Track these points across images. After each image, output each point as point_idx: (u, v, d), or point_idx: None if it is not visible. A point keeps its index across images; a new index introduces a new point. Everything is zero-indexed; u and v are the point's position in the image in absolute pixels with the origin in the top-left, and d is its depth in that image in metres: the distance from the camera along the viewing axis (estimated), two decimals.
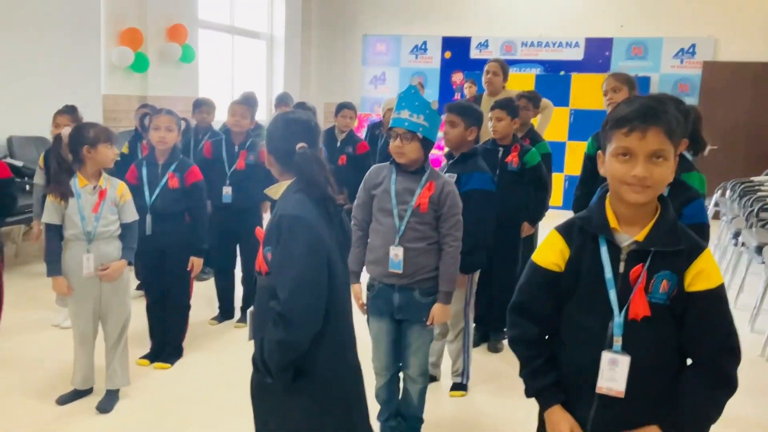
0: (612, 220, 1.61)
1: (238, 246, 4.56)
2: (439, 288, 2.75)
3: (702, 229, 2.31)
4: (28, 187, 5.20)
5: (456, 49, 10.73)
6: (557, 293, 1.68)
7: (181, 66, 7.91)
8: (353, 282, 2.86)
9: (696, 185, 2.85)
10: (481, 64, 5.63)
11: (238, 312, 4.61)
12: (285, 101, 6.31)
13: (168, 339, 3.85)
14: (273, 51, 10.44)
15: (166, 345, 3.85)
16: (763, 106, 9.21)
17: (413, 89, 2.64)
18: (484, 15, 10.43)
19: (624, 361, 1.58)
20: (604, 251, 1.61)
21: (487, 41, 10.52)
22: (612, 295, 1.58)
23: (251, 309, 2.01)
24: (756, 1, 9.22)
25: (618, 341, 1.58)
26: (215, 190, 4.44)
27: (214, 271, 4.81)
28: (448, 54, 10.80)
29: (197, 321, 4.35)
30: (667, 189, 2.35)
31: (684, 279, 1.55)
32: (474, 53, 10.52)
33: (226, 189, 4.45)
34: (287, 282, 1.77)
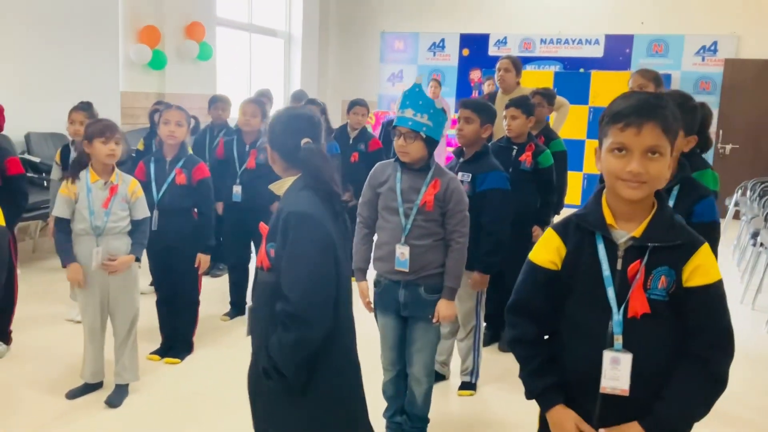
0: (608, 216, 1.58)
1: (252, 241, 4.55)
2: (444, 283, 2.73)
3: (712, 228, 2.25)
4: (46, 183, 5.25)
5: (474, 47, 10.66)
6: (555, 292, 1.66)
7: (199, 63, 7.96)
8: (360, 280, 2.85)
9: (710, 183, 2.81)
10: None
11: None
12: (300, 99, 6.31)
13: (178, 335, 3.87)
14: (290, 49, 10.46)
15: (176, 341, 3.86)
16: None
17: (417, 87, 2.61)
18: (502, 12, 10.35)
19: (626, 360, 1.55)
20: (601, 248, 1.58)
21: (506, 38, 10.45)
22: (610, 293, 1.56)
23: (249, 304, 2.00)
24: None
25: (618, 339, 1.56)
26: (227, 189, 4.44)
27: (228, 267, 4.83)
28: (466, 51, 10.74)
29: (209, 316, 4.37)
30: (678, 187, 2.32)
31: (682, 274, 1.53)
32: (492, 50, 10.43)
33: (236, 188, 4.44)
34: (300, 280, 1.75)
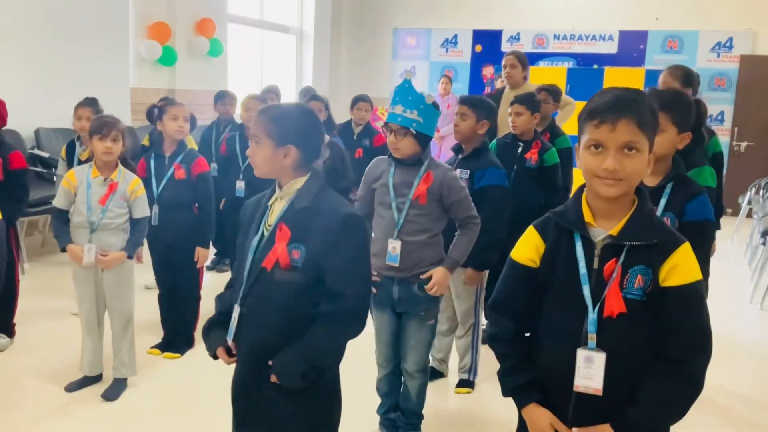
0: (587, 214, 1.57)
1: None
2: (449, 253, 2.75)
3: (704, 227, 2.20)
4: (54, 178, 5.30)
5: (487, 43, 10.61)
6: (534, 290, 1.65)
7: (209, 60, 7.99)
8: None
9: (708, 181, 2.76)
10: None
11: None
12: (308, 95, 6.31)
13: (179, 329, 3.89)
14: (302, 45, 10.47)
15: (177, 335, 3.89)
16: None
17: (407, 83, 2.60)
18: (515, 7, 10.29)
19: (600, 359, 1.53)
20: (578, 246, 1.57)
21: (519, 34, 10.38)
22: (586, 291, 1.55)
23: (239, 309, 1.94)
24: None
25: (593, 338, 1.54)
26: (231, 185, 4.47)
27: (232, 263, 4.84)
28: (478, 47, 10.69)
29: (211, 311, 4.35)
30: (671, 185, 2.27)
31: (659, 273, 1.51)
32: (505, 46, 10.35)
33: (239, 183, 4.49)
34: (356, 280, 1.81)
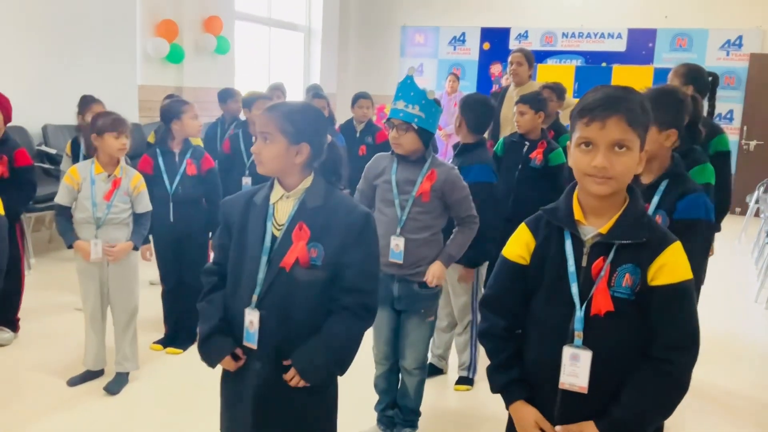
0: (578, 212, 1.57)
1: None
2: (445, 248, 2.76)
3: (694, 226, 2.13)
4: (60, 175, 5.34)
5: (495, 40, 10.59)
6: (524, 287, 1.66)
7: (217, 57, 8.00)
8: None
9: (710, 178, 2.74)
10: None
11: None
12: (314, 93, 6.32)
13: (182, 325, 3.91)
14: (310, 42, 10.47)
15: (180, 330, 3.91)
16: None
17: (409, 79, 2.61)
18: (523, 5, 10.26)
19: (585, 356, 1.53)
20: (568, 244, 1.57)
21: (527, 32, 10.35)
22: (574, 289, 1.55)
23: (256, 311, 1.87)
24: None
25: (579, 336, 1.54)
26: (235, 182, 4.45)
27: None
28: (486, 45, 10.67)
29: None
30: (665, 182, 2.25)
31: (647, 272, 1.50)
32: (513, 44, 10.32)
33: (245, 179, 4.47)
34: (374, 275, 1.90)
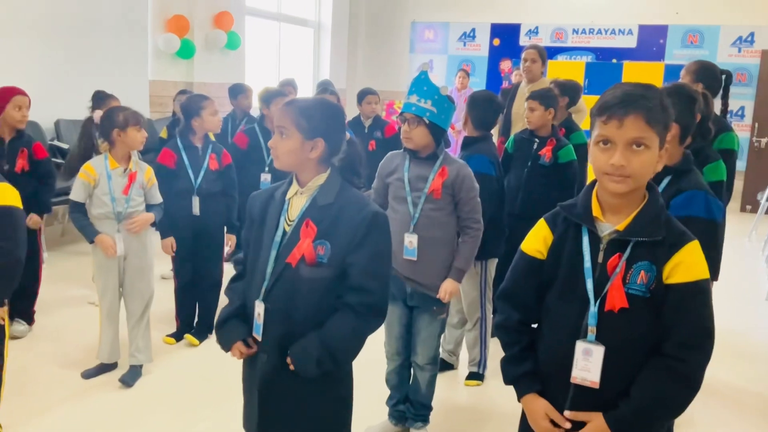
0: (596, 208, 1.58)
1: None
2: (453, 263, 2.76)
3: (687, 224, 2.13)
4: None
5: (505, 36, 10.57)
6: (541, 281, 1.67)
7: (227, 53, 8.03)
8: None
9: (723, 176, 2.75)
10: None
11: None
12: (325, 88, 6.32)
13: (201, 317, 3.97)
14: (320, 38, 10.49)
15: (199, 322, 3.97)
16: None
17: (423, 75, 2.64)
18: (534, 1, 10.24)
19: (598, 352, 1.55)
20: (585, 240, 1.58)
21: (537, 28, 10.34)
22: (589, 285, 1.56)
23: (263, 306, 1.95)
24: None
25: (592, 331, 1.56)
26: (251, 177, 4.40)
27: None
28: (496, 41, 10.66)
29: (225, 300, 4.42)
30: (668, 179, 2.25)
31: (663, 270, 1.51)
32: (523, 40, 10.32)
33: (264, 176, 4.44)
34: (382, 274, 1.87)
